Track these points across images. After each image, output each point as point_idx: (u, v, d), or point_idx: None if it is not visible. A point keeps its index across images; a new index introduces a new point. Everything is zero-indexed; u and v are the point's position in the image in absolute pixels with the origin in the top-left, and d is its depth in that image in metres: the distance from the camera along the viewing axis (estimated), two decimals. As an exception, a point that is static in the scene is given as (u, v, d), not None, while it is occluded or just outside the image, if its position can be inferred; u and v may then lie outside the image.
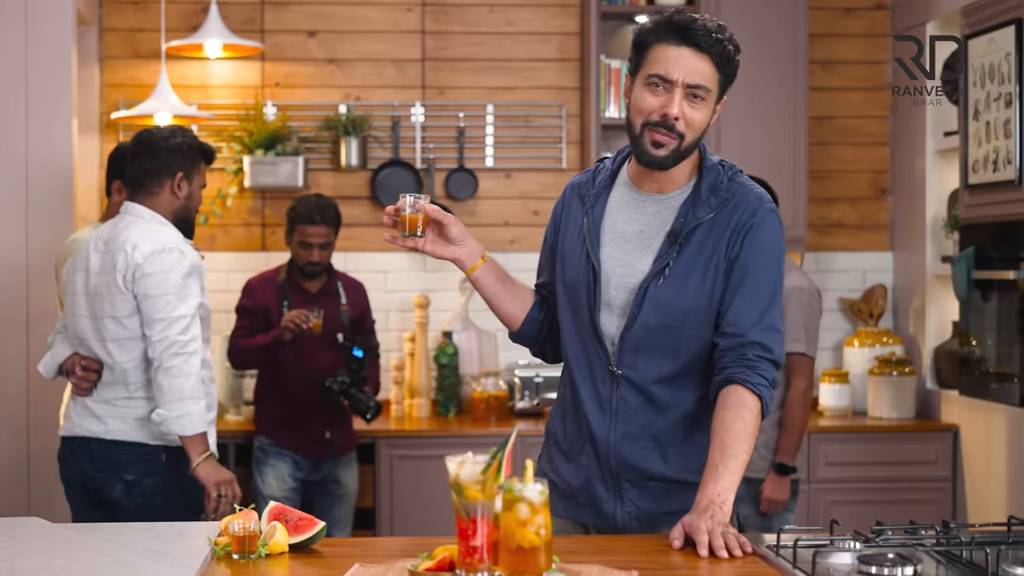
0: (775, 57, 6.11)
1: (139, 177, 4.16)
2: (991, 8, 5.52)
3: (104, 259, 4.08)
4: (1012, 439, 5.39)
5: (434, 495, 5.63)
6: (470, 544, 2.23)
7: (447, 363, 6.10)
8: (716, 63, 2.86)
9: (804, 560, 2.47)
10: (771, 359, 2.88)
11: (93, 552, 2.41)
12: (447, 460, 2.26)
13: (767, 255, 2.92)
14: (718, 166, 2.97)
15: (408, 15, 6.35)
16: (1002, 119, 5.42)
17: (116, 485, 4.06)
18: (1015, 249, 5.35)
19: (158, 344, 3.99)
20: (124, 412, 4.08)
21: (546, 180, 6.41)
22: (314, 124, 6.28)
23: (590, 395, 2.98)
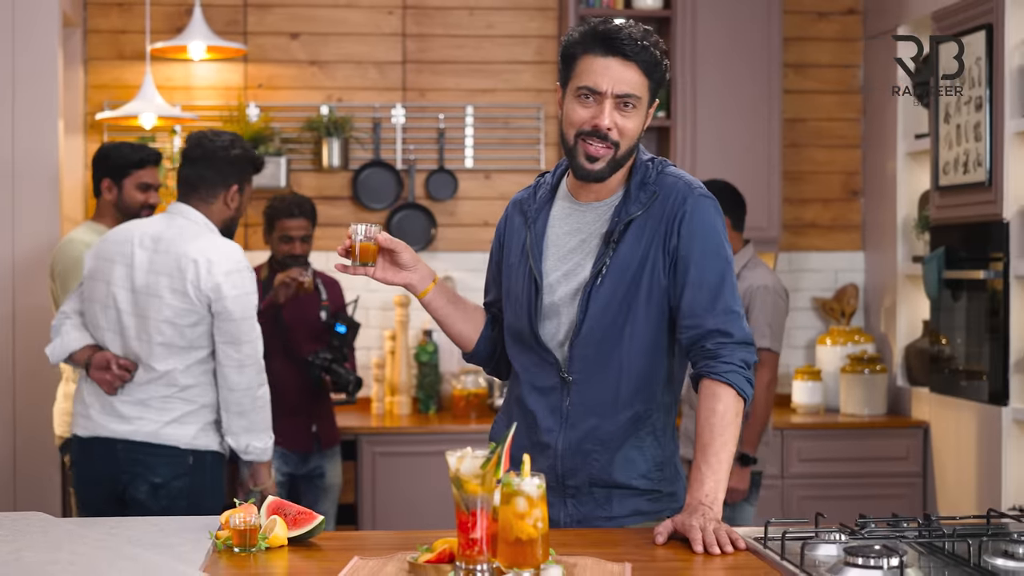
0: (750, 60, 6.17)
1: (194, 182, 4.19)
2: (962, 13, 5.58)
3: (157, 259, 4.07)
4: (982, 435, 5.45)
5: (416, 491, 5.67)
6: (470, 536, 2.27)
7: (427, 361, 6.14)
8: (644, 70, 2.86)
9: (792, 552, 2.51)
10: (734, 342, 2.87)
11: (97, 546, 2.43)
12: (447, 455, 2.30)
13: (706, 240, 2.91)
14: (647, 163, 2.98)
15: (389, 18, 6.38)
16: (972, 122, 5.49)
17: (142, 487, 4.06)
18: (985, 249, 5.42)
19: (250, 368, 4.06)
20: (159, 414, 4.07)
21: (525, 181, 6.43)
22: (296, 125, 6.30)
23: (540, 403, 2.99)
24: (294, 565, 2.52)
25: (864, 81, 6.68)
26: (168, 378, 4.07)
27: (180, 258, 4.04)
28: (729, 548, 2.59)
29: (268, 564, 2.52)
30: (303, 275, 5.15)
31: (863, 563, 2.37)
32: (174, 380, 4.08)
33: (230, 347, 4.06)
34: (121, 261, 4.11)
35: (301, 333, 5.32)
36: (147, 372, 4.08)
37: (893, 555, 2.36)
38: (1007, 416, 5.28)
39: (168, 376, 4.07)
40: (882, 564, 2.35)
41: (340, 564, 2.47)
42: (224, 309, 4.04)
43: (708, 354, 2.88)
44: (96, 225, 4.87)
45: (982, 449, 5.46)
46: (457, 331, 3.14)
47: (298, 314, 5.31)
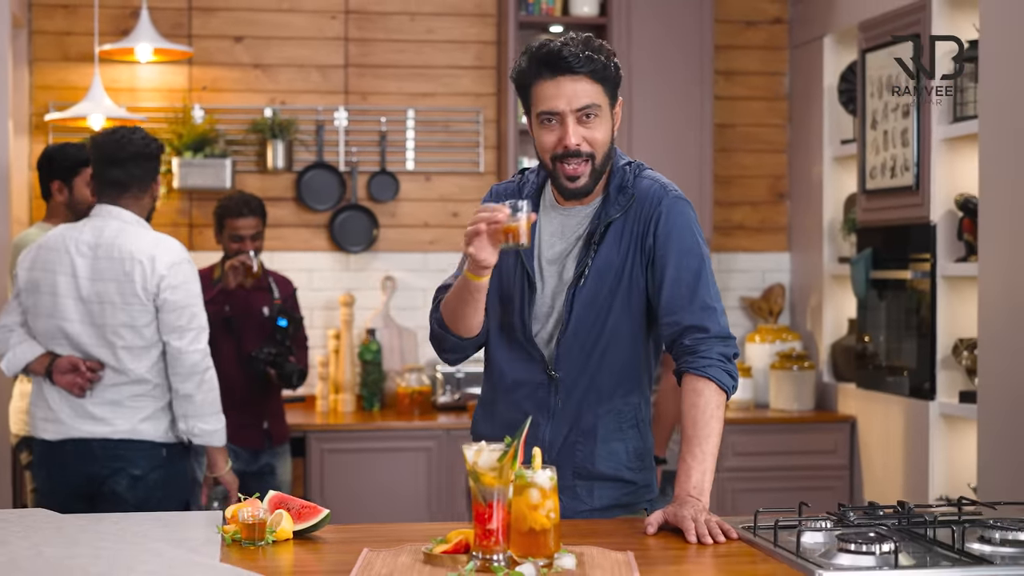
0: (683, 67, 6.26)
1: (125, 182, 4.16)
2: (889, 24, 5.72)
3: (100, 266, 4.07)
4: (908, 429, 5.60)
5: (363, 487, 5.68)
6: (487, 527, 2.31)
7: (371, 360, 6.16)
8: (595, 79, 2.88)
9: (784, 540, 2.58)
10: (711, 336, 2.92)
11: (115, 540, 2.43)
12: (464, 448, 2.34)
13: (681, 239, 2.96)
14: (625, 167, 3.02)
15: (332, 22, 6.38)
16: (900, 128, 5.62)
17: (122, 480, 4.08)
18: (911, 250, 5.57)
19: (192, 354, 4.08)
20: (132, 412, 4.11)
21: (464, 183, 6.49)
22: (241, 127, 6.28)
23: (525, 398, 3.03)
24: (306, 557, 2.54)
25: (790, 88, 6.80)
26: (136, 378, 4.09)
27: (124, 261, 4.06)
28: (721, 538, 2.65)
29: (280, 557, 2.53)
30: (249, 259, 5.18)
31: (855, 549, 2.44)
32: (142, 379, 4.10)
33: (174, 335, 4.09)
34: (62, 271, 4.10)
35: (251, 332, 5.32)
36: (116, 375, 4.09)
37: (886, 541, 2.44)
38: (934, 410, 5.43)
39: (136, 376, 4.09)
40: (874, 550, 2.43)
41: (350, 556, 2.49)
42: (167, 300, 4.07)
43: (687, 350, 2.94)
44: (48, 226, 4.83)
45: (909, 442, 5.60)
46: (479, 318, 3.02)
47: (247, 313, 5.31)
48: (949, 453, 5.44)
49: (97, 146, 4.20)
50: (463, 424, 5.83)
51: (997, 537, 2.54)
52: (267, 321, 5.31)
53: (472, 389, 6.14)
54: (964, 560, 2.44)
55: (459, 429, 5.81)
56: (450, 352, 3.11)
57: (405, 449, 5.79)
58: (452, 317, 3.01)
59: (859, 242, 6.00)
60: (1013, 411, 4.81)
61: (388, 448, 5.78)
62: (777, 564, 2.47)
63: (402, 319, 6.39)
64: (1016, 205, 4.79)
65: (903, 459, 5.66)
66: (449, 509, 5.74)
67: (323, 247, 6.37)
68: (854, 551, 2.44)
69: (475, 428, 3.19)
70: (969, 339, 5.33)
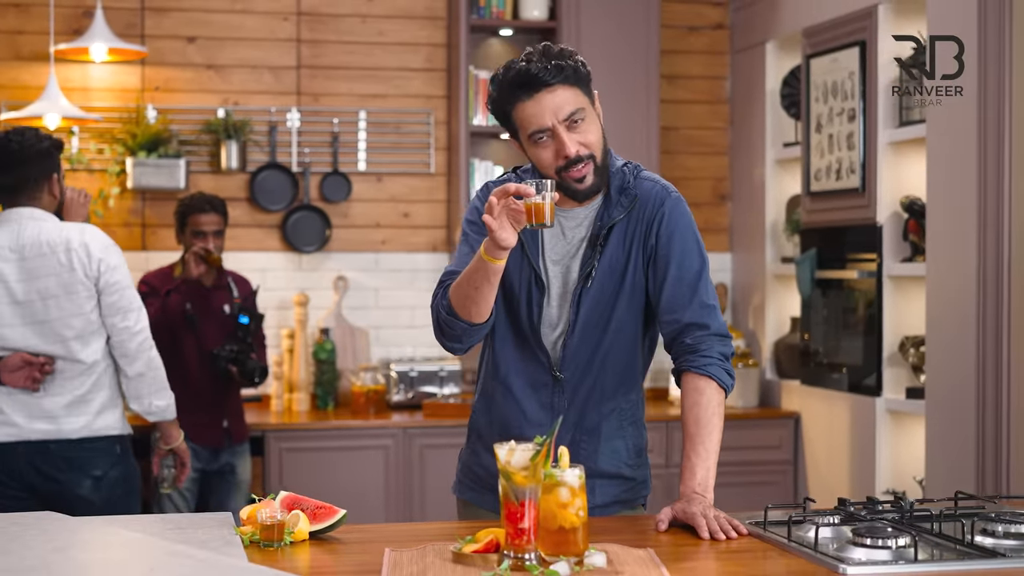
0: (630, 71, 6.27)
1: (15, 187, 4.07)
2: (833, 30, 5.78)
3: (30, 265, 3.98)
4: (855, 424, 5.66)
5: (322, 485, 5.62)
6: (518, 527, 2.28)
7: (325, 359, 6.10)
8: (571, 83, 2.86)
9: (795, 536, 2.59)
10: (711, 334, 2.93)
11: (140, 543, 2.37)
12: (496, 448, 2.31)
13: (684, 239, 2.96)
14: (623, 168, 3.01)
15: (284, 24, 6.31)
16: (845, 132, 5.68)
17: (84, 483, 4.00)
18: (855, 251, 5.63)
19: (138, 334, 4.05)
20: (87, 406, 4.03)
21: (415, 184, 6.45)
22: (194, 128, 6.19)
23: (529, 397, 3.02)
24: (328, 558, 2.50)
25: (731, 92, 6.85)
26: (91, 363, 4.05)
27: (59, 254, 3.99)
28: (733, 535, 2.65)
29: (302, 558, 2.49)
30: (209, 245, 5.13)
31: (871, 543, 2.45)
32: (96, 369, 4.07)
33: (118, 317, 4.05)
34: None
35: (212, 330, 5.24)
36: (72, 365, 4.03)
37: (901, 535, 2.46)
38: (880, 406, 5.49)
39: (90, 361, 4.05)
40: (890, 544, 2.44)
41: (372, 556, 2.46)
42: (108, 283, 4.03)
43: (688, 349, 2.94)
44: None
45: (854, 437, 5.67)
46: (491, 303, 2.90)
47: (208, 311, 5.23)
48: (895, 448, 5.51)
49: None
50: (418, 423, 5.80)
51: (1000, 530, 2.57)
52: (228, 319, 5.24)
53: (425, 388, 6.11)
54: (975, 553, 2.46)
55: (415, 427, 5.78)
56: (457, 340, 2.97)
57: (363, 448, 5.74)
58: (464, 302, 2.87)
59: (803, 243, 6.05)
60: (959, 406, 4.89)
61: (346, 447, 5.73)
62: (795, 559, 2.47)
63: (354, 319, 6.34)
64: (962, 207, 4.87)
65: (848, 454, 5.72)
66: (407, 507, 5.71)
67: (276, 247, 6.30)
68: (870, 545, 2.45)
69: (473, 421, 3.17)
70: (915, 337, 5.40)
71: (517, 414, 3.03)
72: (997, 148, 4.68)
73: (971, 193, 4.79)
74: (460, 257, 3.03)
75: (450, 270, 3.01)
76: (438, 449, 5.77)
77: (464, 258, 3.00)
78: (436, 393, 6.11)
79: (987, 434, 4.73)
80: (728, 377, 2.94)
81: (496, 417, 3.08)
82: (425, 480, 5.75)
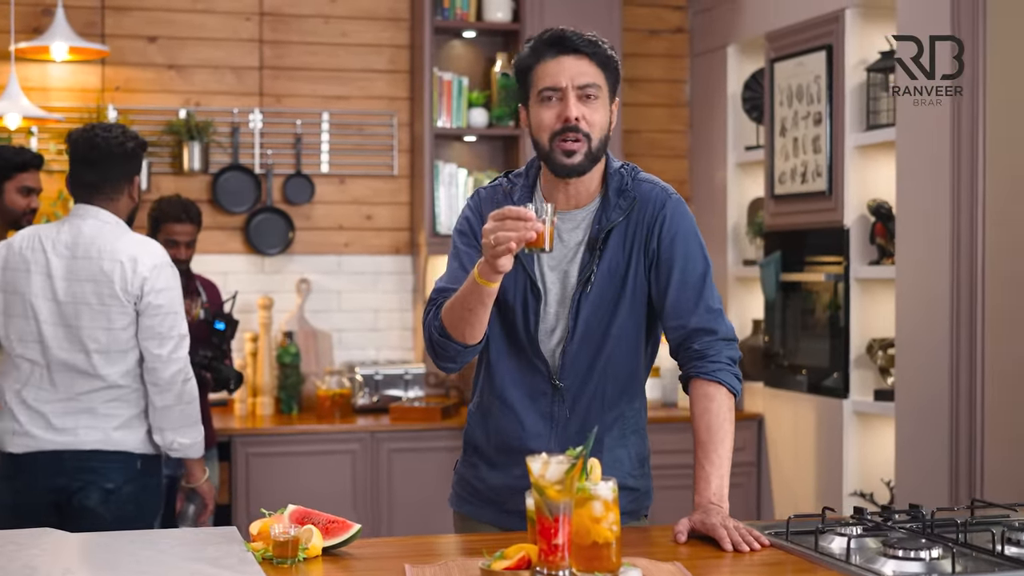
0: (595, 74, 6.16)
1: (97, 184, 3.88)
2: (798, 34, 5.71)
3: (77, 265, 3.79)
4: (821, 426, 5.59)
5: (289, 490, 5.47)
6: (552, 542, 2.16)
7: (290, 362, 5.94)
8: (598, 63, 2.80)
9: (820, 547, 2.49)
10: (719, 339, 2.83)
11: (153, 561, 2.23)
12: (529, 461, 2.18)
13: (687, 242, 2.86)
14: (620, 170, 2.90)
15: (246, 24, 6.13)
16: (811, 136, 5.62)
17: (94, 494, 3.78)
18: (818, 253, 5.57)
19: (173, 363, 3.81)
20: (104, 420, 3.81)
21: (378, 186, 6.31)
22: (155, 128, 5.99)
23: (527, 408, 2.90)
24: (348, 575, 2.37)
25: (690, 96, 6.77)
26: (110, 383, 3.82)
27: (104, 262, 3.79)
28: (756, 546, 2.55)
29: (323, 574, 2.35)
30: (192, 307, 4.94)
31: (903, 555, 2.36)
32: (115, 384, 3.83)
33: (154, 342, 3.82)
34: (36, 270, 3.82)
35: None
36: (89, 380, 3.81)
37: (934, 546, 2.37)
38: (848, 408, 5.43)
39: (110, 381, 3.81)
40: (923, 556, 2.35)
41: (392, 573, 2.33)
42: (150, 304, 3.80)
43: (696, 354, 2.84)
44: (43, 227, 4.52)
45: (821, 439, 5.60)
46: (484, 324, 2.81)
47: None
48: (862, 450, 5.45)
49: (71, 145, 3.93)
50: (385, 427, 5.66)
51: (1025, 539, 2.49)
52: (199, 324, 5.06)
53: (390, 391, 5.97)
54: (1008, 564, 2.37)
55: (382, 432, 5.64)
56: (451, 360, 2.88)
57: (329, 452, 5.59)
58: (457, 323, 2.78)
59: (766, 245, 5.98)
60: (931, 408, 4.84)
61: (313, 451, 5.57)
62: (827, 572, 2.37)
63: (317, 321, 6.19)
64: (931, 210, 4.82)
65: (815, 455, 5.66)
66: (375, 512, 5.57)
67: (238, 249, 6.13)
68: (902, 557, 2.36)
69: (469, 434, 3.04)
70: (882, 339, 5.34)
71: (515, 425, 2.90)
72: (971, 150, 4.63)
73: (944, 195, 4.74)
74: (451, 273, 2.92)
75: (440, 287, 2.89)
76: (405, 453, 5.63)
77: (455, 273, 2.90)
78: (401, 397, 5.97)
79: (961, 437, 4.68)
80: (737, 381, 2.84)
81: (494, 429, 2.95)
82: (392, 484, 5.61)
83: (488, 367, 2.97)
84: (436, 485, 5.61)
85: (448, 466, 5.66)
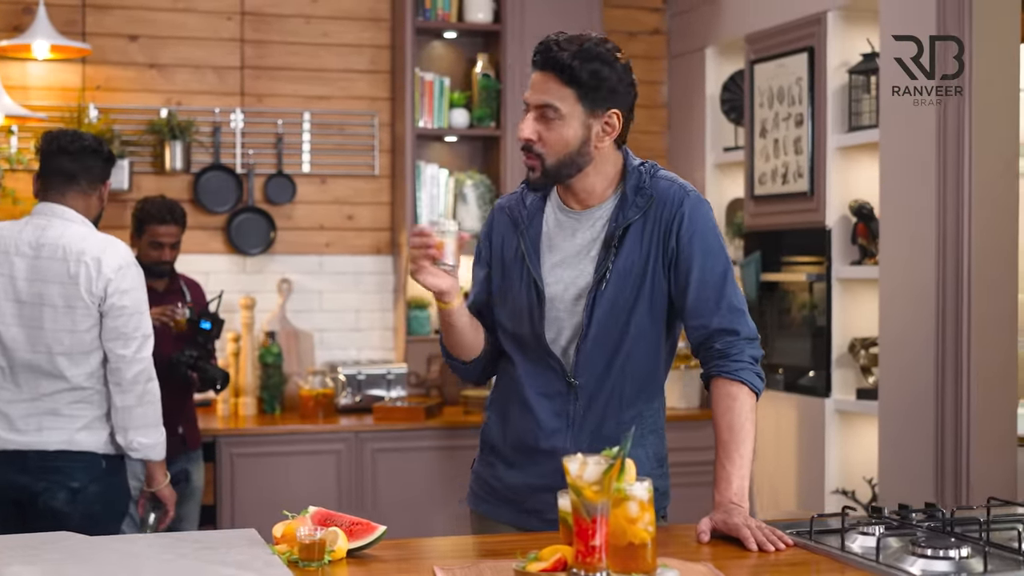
0: (576, 75, 6.12)
1: (76, 173, 3.79)
2: (779, 36, 5.69)
3: (41, 265, 3.68)
4: (803, 425, 5.58)
5: (274, 491, 5.40)
6: (590, 544, 2.11)
7: (272, 362, 5.85)
8: (563, 80, 2.71)
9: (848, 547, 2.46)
10: (741, 339, 2.79)
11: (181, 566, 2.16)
12: (566, 461, 2.13)
13: (706, 240, 2.81)
14: (639, 168, 2.85)
15: (228, 23, 6.05)
16: (792, 137, 5.60)
17: (60, 494, 3.68)
18: (799, 254, 5.55)
19: (137, 364, 3.71)
20: (69, 421, 3.72)
21: (359, 186, 6.24)
22: (136, 128, 5.89)
23: (544, 408, 2.85)
24: (370, 579, 2.31)
25: (668, 97, 6.74)
26: (74, 385, 3.73)
27: (69, 263, 3.69)
28: (781, 546, 2.51)
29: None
30: (177, 312, 4.85)
31: (932, 554, 2.33)
32: (79, 386, 3.74)
33: (118, 343, 3.73)
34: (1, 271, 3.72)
35: (164, 335, 4.97)
36: (52, 381, 3.72)
37: (963, 545, 2.34)
38: (830, 407, 5.42)
39: (74, 383, 3.72)
40: (952, 555, 2.32)
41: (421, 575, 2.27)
42: (114, 306, 3.71)
43: (718, 354, 2.80)
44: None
45: (802, 437, 5.59)
46: (469, 343, 2.92)
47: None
48: (844, 448, 5.44)
49: (49, 138, 3.83)
50: (369, 427, 5.59)
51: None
52: (187, 323, 4.98)
53: (372, 391, 5.90)
54: (1034, 563, 2.35)
55: (367, 432, 5.57)
56: (463, 375, 3.02)
57: (315, 452, 5.51)
58: (447, 343, 2.95)
59: (746, 246, 5.95)
60: (912, 405, 4.83)
61: (298, 451, 5.50)
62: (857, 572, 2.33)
63: (298, 321, 6.11)
64: (914, 210, 4.81)
65: (796, 454, 5.64)
66: (360, 512, 5.48)
67: (220, 249, 6.03)
68: (931, 556, 2.33)
69: (486, 433, 3.00)
70: (864, 338, 5.33)
71: (532, 423, 2.86)
72: (957, 150, 4.63)
73: (929, 195, 4.73)
74: (473, 282, 3.04)
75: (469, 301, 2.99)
76: (390, 453, 5.57)
77: (476, 283, 3.01)
78: (384, 396, 5.90)
79: (946, 435, 4.67)
80: (759, 381, 2.81)
81: (511, 428, 2.91)
82: (377, 484, 5.55)
83: (505, 368, 2.95)
84: (421, 485, 5.55)
85: (433, 466, 5.63)
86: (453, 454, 5.63)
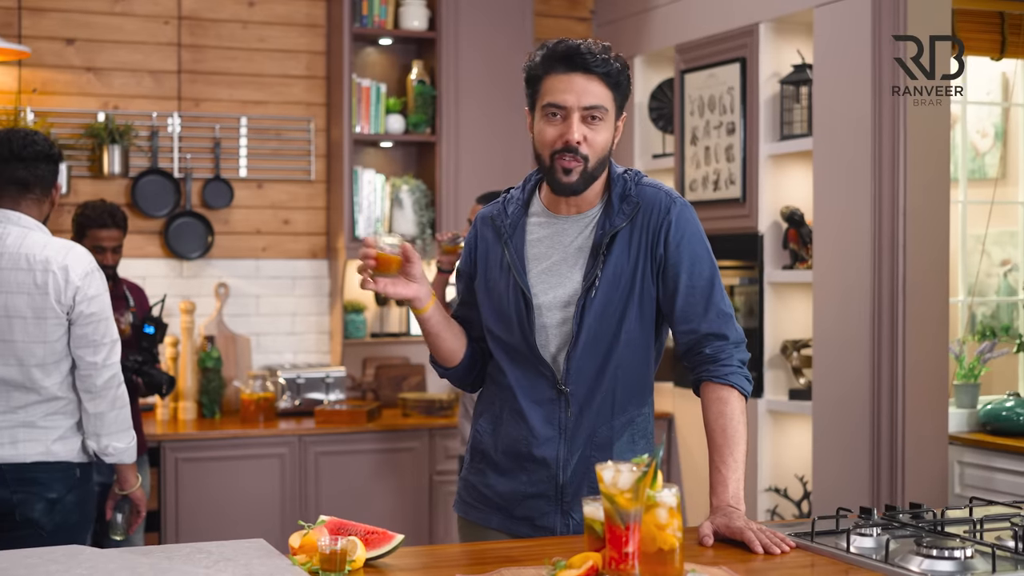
0: (507, 82, 6.11)
1: (30, 182, 3.66)
2: (710, 47, 5.73)
3: (4, 276, 3.53)
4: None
5: (217, 496, 5.29)
6: (623, 551, 2.09)
7: (212, 367, 5.74)
8: (607, 83, 2.73)
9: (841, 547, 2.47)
10: (730, 343, 2.79)
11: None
12: (600, 469, 2.11)
13: (693, 246, 2.81)
14: (623, 175, 2.85)
15: (165, 28, 5.91)
16: (724, 144, 5.64)
17: (37, 505, 3.54)
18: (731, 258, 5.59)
19: (107, 369, 3.59)
20: (43, 433, 3.58)
21: (295, 191, 6.14)
22: (72, 131, 5.74)
23: (536, 415, 2.82)
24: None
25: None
26: (49, 396, 3.60)
27: (35, 272, 3.55)
28: (786, 548, 2.52)
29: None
30: (120, 322, 4.73)
31: (937, 554, 2.35)
32: (54, 396, 3.61)
33: (88, 350, 3.61)
34: None
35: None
36: (26, 394, 3.58)
37: (968, 546, 2.36)
38: (762, 407, 5.47)
39: (48, 393, 3.60)
40: (957, 555, 2.34)
41: (440, 583, 2.24)
42: (82, 314, 3.58)
43: (707, 359, 2.79)
44: None
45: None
46: (447, 348, 2.91)
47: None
48: (776, 447, 5.49)
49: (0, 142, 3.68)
50: (311, 430, 5.51)
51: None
52: (131, 328, 4.86)
53: (311, 395, 5.82)
54: (1032, 562, 2.38)
55: (310, 435, 5.49)
56: (451, 380, 3.03)
57: (259, 456, 5.42)
58: (429, 349, 2.97)
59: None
60: (847, 404, 4.89)
61: (242, 456, 5.39)
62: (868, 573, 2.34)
63: (235, 326, 6.00)
64: (848, 215, 4.88)
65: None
66: (304, 515, 5.41)
67: (157, 254, 5.90)
68: (936, 556, 2.35)
69: (476, 440, 2.96)
70: (796, 340, 5.39)
71: (524, 431, 2.83)
72: (892, 155, 4.69)
73: (864, 200, 4.79)
74: (456, 293, 3.06)
75: None
76: (333, 456, 5.49)
77: (459, 294, 3.03)
78: (323, 400, 5.83)
79: (882, 435, 4.74)
80: (748, 384, 2.80)
81: (503, 435, 2.88)
82: (320, 487, 5.47)
83: (496, 375, 2.92)
84: (364, 487, 5.49)
85: (375, 468, 5.57)
86: (394, 456, 5.58)
